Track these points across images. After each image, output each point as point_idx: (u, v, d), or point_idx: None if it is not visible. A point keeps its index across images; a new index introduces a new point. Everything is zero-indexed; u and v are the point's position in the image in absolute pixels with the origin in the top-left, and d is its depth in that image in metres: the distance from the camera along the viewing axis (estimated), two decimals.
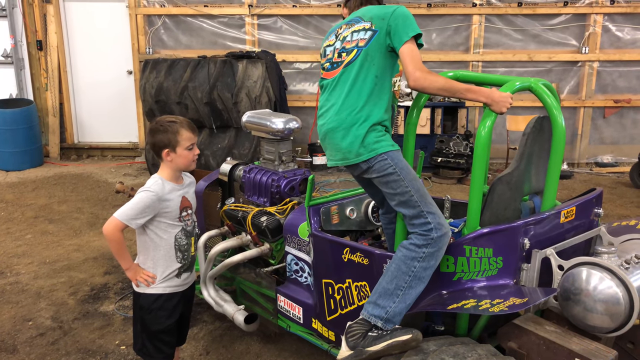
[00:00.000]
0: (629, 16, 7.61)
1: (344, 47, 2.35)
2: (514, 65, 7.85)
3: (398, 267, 2.17)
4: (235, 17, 7.93)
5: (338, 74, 2.33)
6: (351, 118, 2.25)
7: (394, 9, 2.29)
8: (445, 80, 2.21)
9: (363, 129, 2.23)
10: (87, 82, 8.45)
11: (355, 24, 2.36)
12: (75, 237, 5.15)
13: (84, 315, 3.69)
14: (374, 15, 2.31)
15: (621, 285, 1.98)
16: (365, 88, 2.26)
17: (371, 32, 2.27)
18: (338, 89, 2.32)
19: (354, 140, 2.24)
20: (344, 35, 2.37)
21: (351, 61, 2.29)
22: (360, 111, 2.25)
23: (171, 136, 2.38)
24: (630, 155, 7.70)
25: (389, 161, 2.22)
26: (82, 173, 7.47)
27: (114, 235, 2.34)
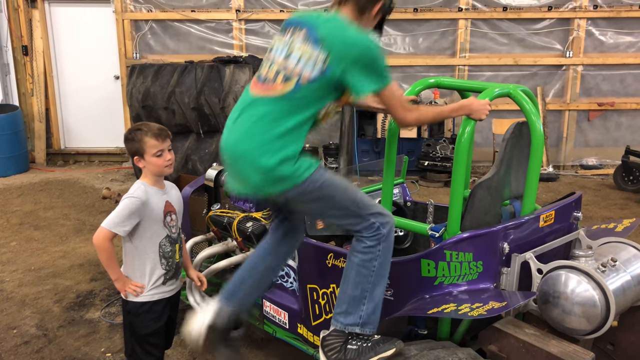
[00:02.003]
0: (611, 20, 7.72)
1: (285, 67, 2.01)
2: (499, 69, 7.93)
3: (358, 272, 2.11)
4: (223, 22, 7.94)
5: (263, 96, 2.04)
6: (262, 149, 2.00)
7: (362, 45, 1.96)
8: (433, 112, 2.24)
9: (274, 161, 1.98)
10: (73, 88, 8.41)
11: (309, 42, 1.99)
12: (61, 243, 5.12)
13: (69, 322, 3.68)
14: (334, 46, 1.95)
15: (597, 288, 2.02)
16: (287, 124, 1.99)
17: (320, 69, 1.96)
18: (257, 111, 2.04)
19: (265, 175, 2.01)
20: (293, 49, 2.02)
21: (284, 92, 1.99)
22: (274, 143, 1.99)
23: (137, 144, 2.40)
24: (614, 158, 7.80)
25: (310, 185, 2.03)
26: (69, 179, 7.42)
27: (104, 244, 2.36)
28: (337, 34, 1.99)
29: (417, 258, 2.23)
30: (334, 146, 7.83)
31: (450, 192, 2.27)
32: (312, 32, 2.00)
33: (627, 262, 2.26)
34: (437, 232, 2.28)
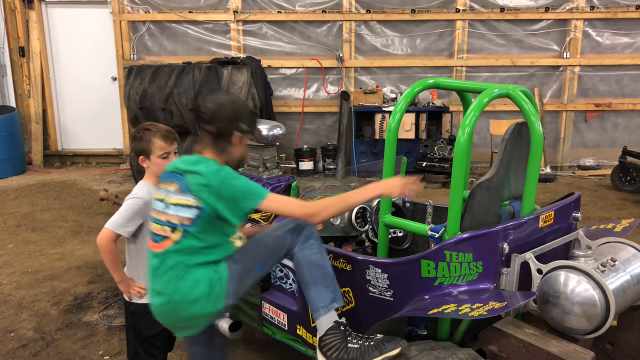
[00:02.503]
0: (608, 21, 7.75)
1: (168, 220, 2.10)
2: (497, 70, 7.94)
3: (310, 270, 2.16)
4: (220, 23, 7.94)
5: (162, 252, 2.10)
6: (183, 302, 2.08)
7: (220, 179, 2.04)
8: (339, 201, 2.18)
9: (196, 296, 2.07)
10: (70, 89, 8.39)
11: (179, 193, 2.09)
12: (58, 245, 5.10)
13: (67, 325, 3.66)
14: (199, 189, 2.05)
15: (597, 287, 2.02)
16: (193, 271, 2.07)
17: (197, 211, 2.05)
18: (164, 271, 2.09)
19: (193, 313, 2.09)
20: (169, 201, 2.11)
21: (179, 240, 2.07)
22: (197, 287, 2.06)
23: (144, 144, 2.40)
24: (611, 158, 7.83)
25: (229, 275, 2.11)
26: (66, 180, 7.40)
27: (107, 245, 2.34)
28: (198, 177, 2.07)
29: (417, 259, 2.23)
30: (332, 147, 7.84)
31: (449, 192, 2.27)
32: (182, 181, 2.11)
33: (626, 262, 2.26)
34: (437, 232, 2.28)
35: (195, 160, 2.14)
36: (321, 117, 8.20)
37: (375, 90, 7.73)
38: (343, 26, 7.87)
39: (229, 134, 2.13)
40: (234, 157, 2.20)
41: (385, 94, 7.82)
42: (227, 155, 2.18)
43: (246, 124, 2.16)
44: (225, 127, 2.12)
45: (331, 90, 8.09)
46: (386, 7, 7.82)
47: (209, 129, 2.14)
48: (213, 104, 2.17)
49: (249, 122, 2.19)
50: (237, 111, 2.16)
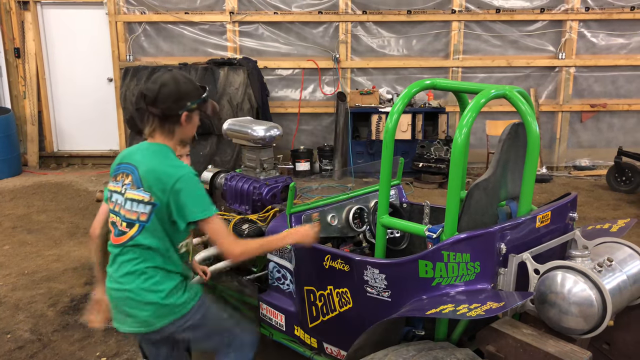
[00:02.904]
0: (603, 22, 7.79)
1: (125, 216, 2.09)
2: (493, 70, 7.97)
3: None
4: (217, 24, 7.93)
5: (122, 245, 2.10)
6: (145, 295, 2.09)
7: (174, 180, 1.99)
8: (259, 244, 2.23)
9: (160, 295, 2.08)
10: (66, 90, 8.37)
11: (134, 188, 2.06)
12: (54, 247, 5.08)
13: (63, 327, 3.65)
14: (153, 184, 2.02)
15: (594, 287, 2.03)
16: (152, 266, 2.08)
17: (150, 206, 2.03)
18: (125, 264, 2.10)
19: (153, 308, 2.09)
20: (126, 195, 2.08)
21: (133, 236, 2.06)
22: (152, 286, 2.08)
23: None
24: (606, 159, 7.86)
25: (195, 313, 2.17)
26: (62, 182, 7.38)
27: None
28: (150, 172, 2.04)
29: (414, 259, 2.24)
30: (328, 148, 7.84)
31: (446, 193, 2.28)
32: (135, 174, 2.07)
33: (622, 261, 2.27)
34: (435, 233, 2.29)
35: (153, 152, 2.09)
36: (318, 118, 8.21)
37: (372, 91, 7.74)
38: (339, 27, 7.87)
39: (176, 115, 2.06)
40: (186, 137, 2.14)
41: (382, 94, 7.83)
42: (178, 135, 2.12)
43: (193, 102, 2.07)
44: (170, 108, 2.04)
45: (327, 91, 8.10)
46: (382, 8, 7.83)
47: (153, 111, 2.05)
48: (155, 84, 2.06)
49: (197, 99, 2.09)
50: (181, 90, 2.05)
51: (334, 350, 2.70)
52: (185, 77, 2.11)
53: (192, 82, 2.12)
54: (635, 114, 8.05)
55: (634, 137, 8.08)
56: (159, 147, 2.11)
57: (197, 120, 2.16)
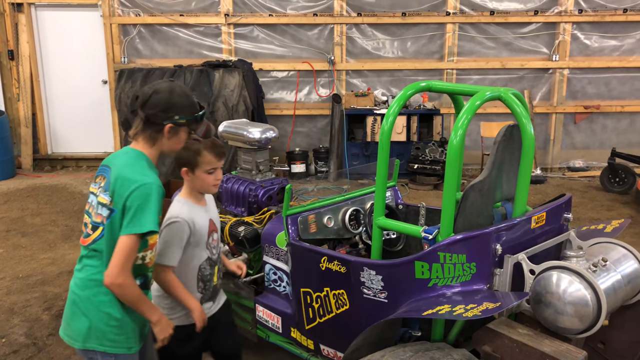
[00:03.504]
0: (596, 25, 7.84)
1: (92, 218, 2.04)
2: (487, 72, 8.00)
3: None
4: (212, 26, 7.93)
5: (87, 247, 2.06)
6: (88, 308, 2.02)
7: (132, 189, 1.92)
8: (137, 296, 1.98)
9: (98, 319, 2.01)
10: (60, 92, 8.34)
11: (103, 191, 2.02)
12: (49, 250, 5.06)
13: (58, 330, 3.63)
14: (117, 189, 1.96)
15: (589, 287, 2.04)
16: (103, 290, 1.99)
17: (108, 211, 1.98)
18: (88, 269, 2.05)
19: (85, 328, 2.02)
20: (98, 199, 2.03)
21: (96, 239, 2.01)
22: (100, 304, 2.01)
23: (192, 156, 2.21)
24: (600, 160, 7.90)
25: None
26: (56, 184, 7.35)
27: (168, 281, 2.12)
28: (117, 177, 1.98)
29: (411, 260, 2.25)
30: (324, 150, 7.85)
31: (442, 194, 2.29)
32: (108, 177, 2.03)
33: (617, 261, 2.29)
34: (431, 234, 2.30)
35: (129, 157, 2.03)
36: (313, 120, 8.21)
37: (367, 93, 7.75)
38: (334, 29, 7.89)
39: (159, 124, 2.00)
40: (166, 150, 2.07)
41: (377, 96, 7.85)
42: (159, 146, 2.05)
43: (182, 117, 2.01)
44: (155, 115, 1.99)
45: (323, 93, 8.11)
46: (377, 10, 7.86)
47: (140, 114, 2.02)
48: (150, 89, 2.03)
49: (188, 116, 2.02)
50: (172, 101, 1.99)
51: (330, 352, 2.71)
52: (183, 91, 2.06)
53: (189, 99, 2.06)
54: (628, 116, 8.11)
55: (627, 139, 8.13)
56: (135, 153, 2.05)
57: (183, 137, 2.08)
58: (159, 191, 1.95)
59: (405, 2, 7.81)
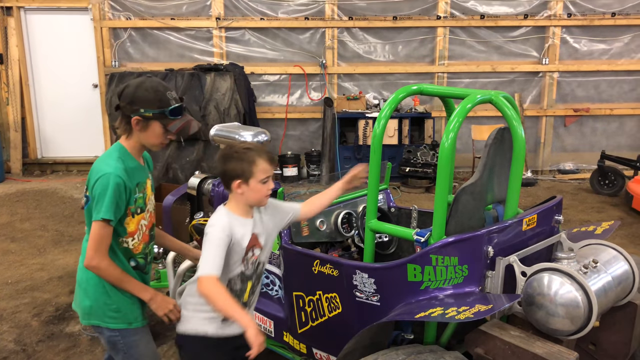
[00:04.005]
0: (585, 28, 7.92)
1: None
2: (477, 76, 8.05)
3: None
4: (203, 29, 7.92)
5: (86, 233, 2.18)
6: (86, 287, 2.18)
7: (96, 179, 2.06)
8: (118, 276, 2.10)
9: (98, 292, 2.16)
10: (50, 96, 8.29)
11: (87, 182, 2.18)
12: (39, 255, 5.01)
13: (48, 337, 3.60)
14: (89, 179, 2.12)
15: (580, 289, 2.05)
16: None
17: (85, 199, 2.14)
18: (83, 252, 2.17)
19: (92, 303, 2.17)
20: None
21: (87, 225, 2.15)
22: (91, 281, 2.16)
23: (246, 166, 2.04)
24: (590, 162, 7.97)
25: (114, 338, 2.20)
26: (46, 189, 7.29)
27: (215, 289, 1.95)
28: (92, 167, 2.15)
29: (403, 263, 2.25)
30: (316, 153, 7.85)
31: (434, 197, 2.29)
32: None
33: (607, 263, 2.30)
34: (423, 237, 2.30)
35: (105, 152, 2.20)
36: (305, 124, 8.22)
37: (358, 96, 7.77)
38: (326, 33, 7.91)
39: (127, 116, 2.11)
40: (144, 143, 2.16)
41: (368, 100, 7.87)
42: (135, 138, 2.15)
43: (148, 110, 2.07)
44: (124, 108, 2.11)
45: (314, 96, 8.12)
46: (368, 14, 7.89)
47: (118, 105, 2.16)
48: (125, 83, 2.17)
49: (154, 110, 2.08)
50: (137, 95, 2.08)
51: (323, 356, 2.70)
52: (152, 86, 2.11)
53: (158, 94, 2.10)
54: (617, 119, 8.19)
55: (616, 141, 8.21)
56: (115, 145, 2.18)
57: (157, 130, 2.12)
58: (116, 180, 2.04)
59: (396, 6, 7.85)
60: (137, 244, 2.19)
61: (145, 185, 2.22)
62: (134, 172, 2.14)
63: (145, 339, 2.26)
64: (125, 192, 2.08)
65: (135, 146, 2.17)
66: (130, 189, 2.10)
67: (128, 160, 2.13)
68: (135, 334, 2.21)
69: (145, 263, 2.28)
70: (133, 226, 2.15)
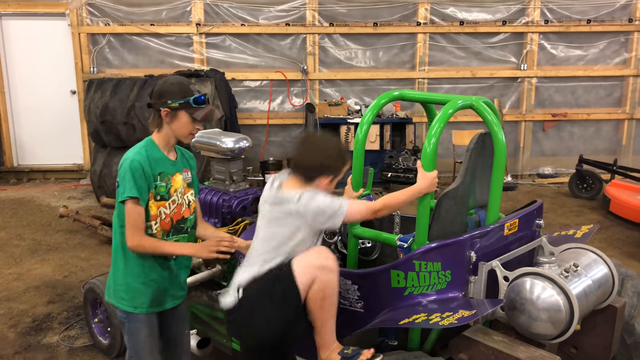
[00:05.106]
0: (561, 35, 8.06)
1: None
2: (457, 81, 8.13)
3: None
4: (183, 35, 7.86)
5: None
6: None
7: (120, 165, 2.28)
8: (153, 246, 2.28)
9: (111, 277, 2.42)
10: (27, 103, 8.13)
11: None
12: (15, 265, 4.90)
13: (25, 348, 3.51)
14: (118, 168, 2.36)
15: (562, 293, 2.07)
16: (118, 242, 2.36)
17: (117, 184, 2.34)
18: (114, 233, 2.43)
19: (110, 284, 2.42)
20: None
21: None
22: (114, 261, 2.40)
23: (340, 164, 2.24)
24: (568, 166, 8.09)
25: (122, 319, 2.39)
26: (23, 197, 7.14)
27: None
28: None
29: (386, 269, 2.24)
30: None
31: (417, 202, 2.30)
32: None
33: (587, 267, 2.33)
34: (406, 242, 2.30)
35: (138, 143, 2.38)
36: (287, 129, 8.20)
37: (340, 102, 7.78)
38: (307, 39, 7.91)
39: (157, 110, 2.30)
40: (176, 133, 2.32)
41: (350, 105, 7.89)
42: (166, 130, 2.32)
43: (174, 101, 2.26)
44: (155, 103, 2.30)
45: (296, 102, 8.11)
46: (349, 20, 7.91)
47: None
48: (155, 83, 2.41)
49: (179, 100, 2.26)
50: (164, 88, 2.29)
51: None
52: (177, 80, 2.34)
53: (181, 86, 2.30)
54: (594, 123, 8.33)
55: (593, 145, 8.35)
56: (145, 139, 2.36)
57: (184, 119, 2.30)
58: (132, 163, 2.22)
59: (377, 13, 7.89)
60: (158, 228, 2.32)
61: (171, 177, 2.34)
62: (157, 161, 2.30)
63: (148, 331, 2.36)
64: (144, 174, 2.23)
65: (163, 139, 2.34)
66: (150, 174, 2.26)
67: (153, 150, 2.31)
68: (139, 321, 2.33)
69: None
70: (154, 210, 2.29)
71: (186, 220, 2.42)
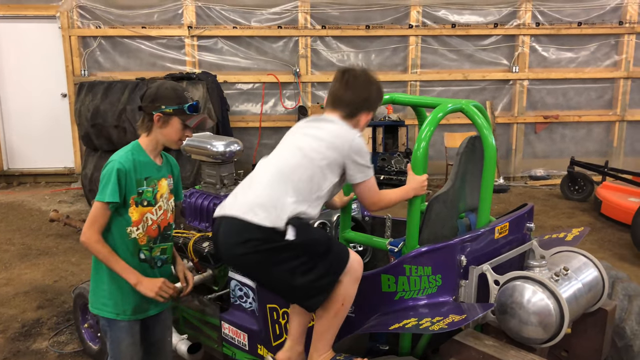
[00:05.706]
0: (552, 37, 8.10)
1: None
2: (450, 84, 8.15)
3: None
4: (175, 38, 7.84)
5: None
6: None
7: (105, 165, 2.31)
8: (105, 255, 2.23)
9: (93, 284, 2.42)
10: (17, 106, 8.07)
11: None
12: (4, 270, 4.85)
13: (14, 354, 3.47)
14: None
15: (552, 297, 2.06)
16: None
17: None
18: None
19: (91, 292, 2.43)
20: None
21: None
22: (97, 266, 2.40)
23: (379, 100, 2.34)
24: (560, 168, 8.13)
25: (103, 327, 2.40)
26: (13, 202, 7.08)
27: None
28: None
29: (377, 273, 2.23)
30: None
31: (407, 206, 2.29)
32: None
33: (578, 270, 2.33)
34: (397, 246, 2.29)
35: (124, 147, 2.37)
36: (279, 132, 8.17)
37: None
38: (299, 41, 7.91)
39: (149, 114, 2.27)
40: (166, 139, 2.30)
41: None
42: (156, 134, 2.30)
43: (168, 107, 2.24)
44: (146, 107, 2.28)
45: (289, 105, 8.10)
46: (341, 23, 7.92)
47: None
48: (148, 86, 2.35)
49: (173, 106, 2.25)
50: (159, 93, 2.26)
51: None
52: (171, 86, 2.32)
53: (176, 92, 2.29)
54: (585, 125, 8.38)
55: (584, 147, 8.39)
56: (132, 142, 2.34)
57: (176, 126, 2.28)
58: (117, 166, 2.20)
59: (369, 15, 7.90)
60: (141, 234, 2.30)
61: (157, 182, 2.33)
62: (143, 165, 2.29)
63: (130, 340, 2.36)
64: (127, 179, 2.22)
65: (150, 143, 2.32)
66: (134, 178, 2.24)
67: (139, 154, 2.29)
68: (121, 330, 2.33)
69: (151, 257, 2.36)
70: (136, 216, 2.27)
71: (171, 227, 2.42)
